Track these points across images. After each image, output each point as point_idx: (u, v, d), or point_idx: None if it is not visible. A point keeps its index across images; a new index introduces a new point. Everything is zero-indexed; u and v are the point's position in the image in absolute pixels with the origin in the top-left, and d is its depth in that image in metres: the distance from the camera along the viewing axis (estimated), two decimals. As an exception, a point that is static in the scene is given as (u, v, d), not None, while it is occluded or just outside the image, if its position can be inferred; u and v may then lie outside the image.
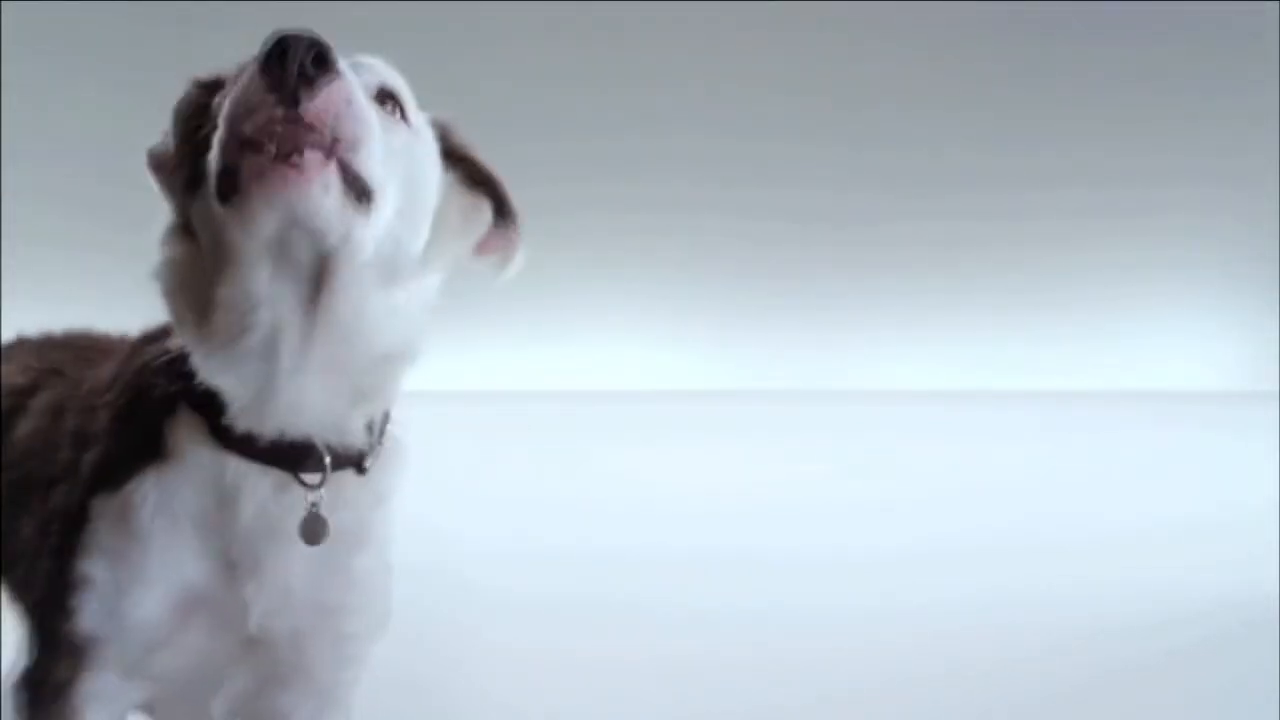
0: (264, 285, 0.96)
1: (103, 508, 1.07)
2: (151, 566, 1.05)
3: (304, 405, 1.02)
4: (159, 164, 1.14)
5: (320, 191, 0.90)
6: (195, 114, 1.08)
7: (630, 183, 5.32)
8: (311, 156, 0.89)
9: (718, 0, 5.41)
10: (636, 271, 5.57)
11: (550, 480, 3.22)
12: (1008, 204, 5.52)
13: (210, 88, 1.10)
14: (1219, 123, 5.46)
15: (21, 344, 1.52)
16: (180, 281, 1.05)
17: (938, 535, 3.07)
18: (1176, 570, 2.74)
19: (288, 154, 0.89)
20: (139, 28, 5.26)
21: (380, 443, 1.11)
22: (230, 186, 0.92)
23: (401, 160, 1.00)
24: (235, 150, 0.91)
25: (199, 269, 1.03)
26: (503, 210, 1.16)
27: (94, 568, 1.05)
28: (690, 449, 4.24)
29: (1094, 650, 2.20)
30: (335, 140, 0.91)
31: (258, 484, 1.05)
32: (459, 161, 1.14)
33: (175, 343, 1.09)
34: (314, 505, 1.06)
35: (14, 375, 1.37)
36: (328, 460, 1.06)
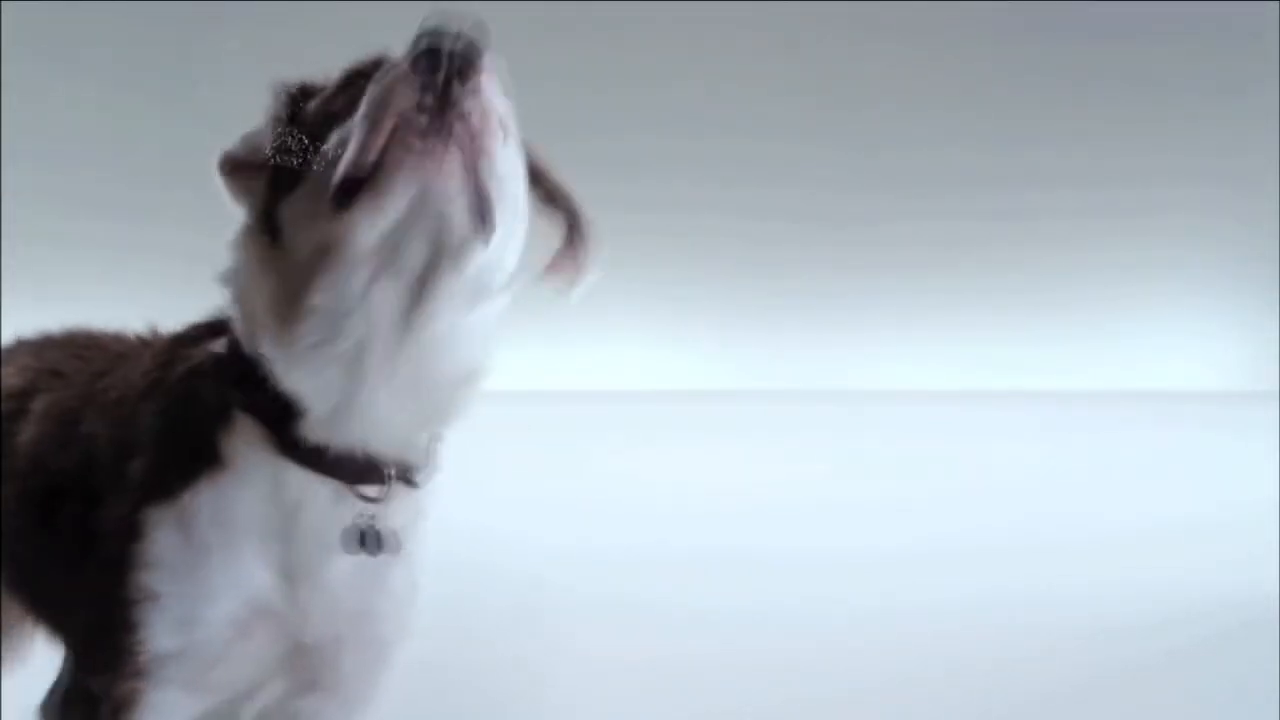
0: (363, 289, 0.94)
1: (159, 518, 1.03)
2: (215, 578, 1.02)
3: (380, 421, 1.00)
4: (236, 167, 1.10)
5: (456, 190, 0.90)
6: (289, 119, 1.05)
7: (630, 183, 5.31)
8: (454, 154, 0.88)
9: (718, 0, 5.41)
10: (637, 271, 5.56)
11: (549, 480, 3.21)
12: (1008, 204, 5.51)
13: (299, 94, 1.08)
14: (1219, 123, 5.45)
15: (21, 345, 1.50)
16: (259, 284, 1.02)
17: (938, 535, 3.07)
18: (1176, 570, 2.74)
19: (433, 140, 0.88)
20: (139, 28, 5.25)
21: (432, 460, 1.11)
22: (353, 190, 0.90)
23: (509, 182, 1.00)
24: (376, 145, 0.88)
25: (279, 272, 0.99)
26: (576, 231, 1.16)
27: (158, 582, 1.02)
28: (690, 449, 4.24)
29: (1094, 650, 2.20)
30: (475, 147, 0.90)
31: (318, 494, 1.04)
32: (537, 180, 1.14)
33: (218, 345, 1.07)
34: (371, 518, 1.06)
35: (12, 376, 1.35)
36: (391, 473, 1.05)
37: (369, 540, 1.07)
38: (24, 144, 5.19)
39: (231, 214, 1.10)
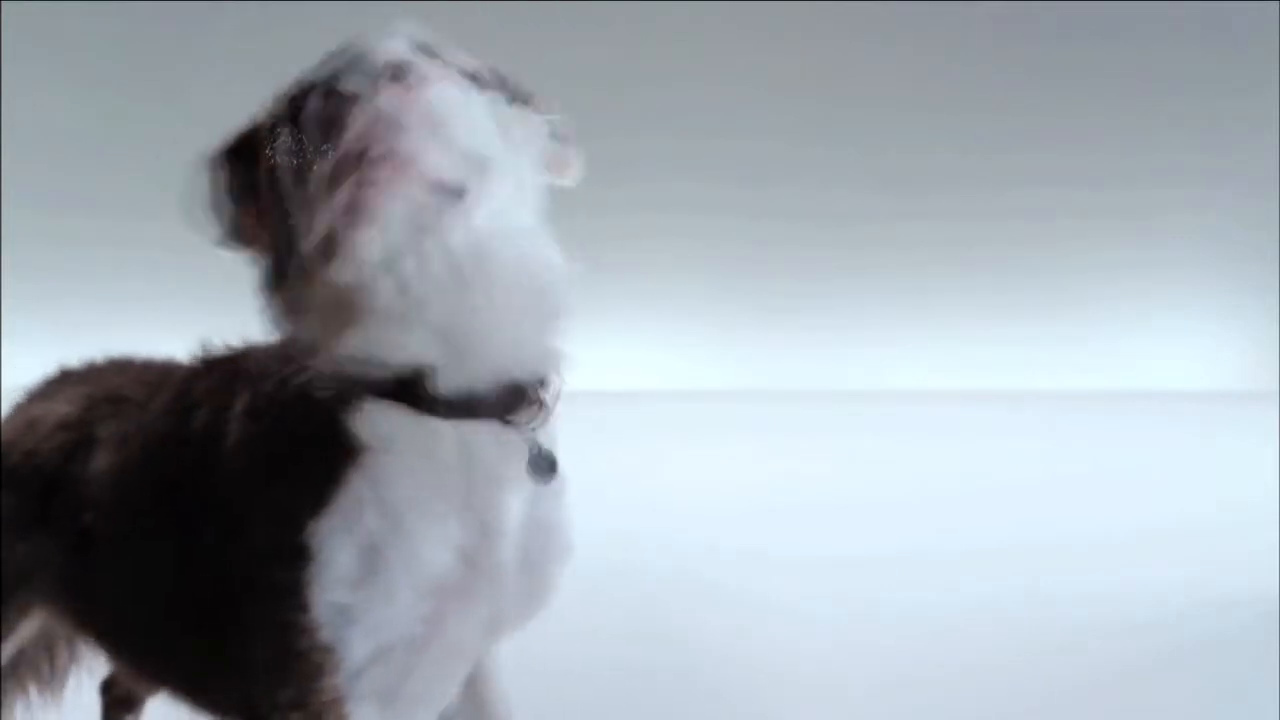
0: (395, 249, 0.92)
1: (324, 530, 0.98)
2: (396, 571, 0.98)
3: (496, 331, 0.95)
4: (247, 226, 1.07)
5: (408, 196, 0.88)
6: (247, 173, 1.02)
7: (630, 183, 5.33)
8: (380, 173, 0.87)
9: (718, 1, 5.42)
10: (638, 271, 5.58)
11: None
12: (1008, 204, 5.53)
13: (238, 147, 1.04)
14: (1219, 123, 5.47)
15: (65, 376, 1.41)
16: (309, 307, 0.98)
17: (938, 535, 3.07)
18: (1176, 570, 2.74)
19: (360, 184, 0.87)
20: (138, 28, 5.26)
21: (560, 368, 1.05)
22: (329, 245, 0.89)
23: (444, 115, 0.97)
24: (321, 217, 0.88)
25: (318, 289, 0.97)
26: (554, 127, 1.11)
27: (341, 595, 0.98)
28: (689, 449, 4.25)
29: (1094, 650, 2.20)
30: (392, 151, 0.88)
31: (479, 439, 0.99)
32: (494, 80, 1.09)
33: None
34: (536, 443, 1.01)
35: (61, 405, 1.28)
36: (543, 394, 1.00)
37: (542, 464, 1.02)
38: (24, 144, 5.20)
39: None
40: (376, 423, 0.99)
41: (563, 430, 1.14)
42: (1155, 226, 5.73)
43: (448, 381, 0.96)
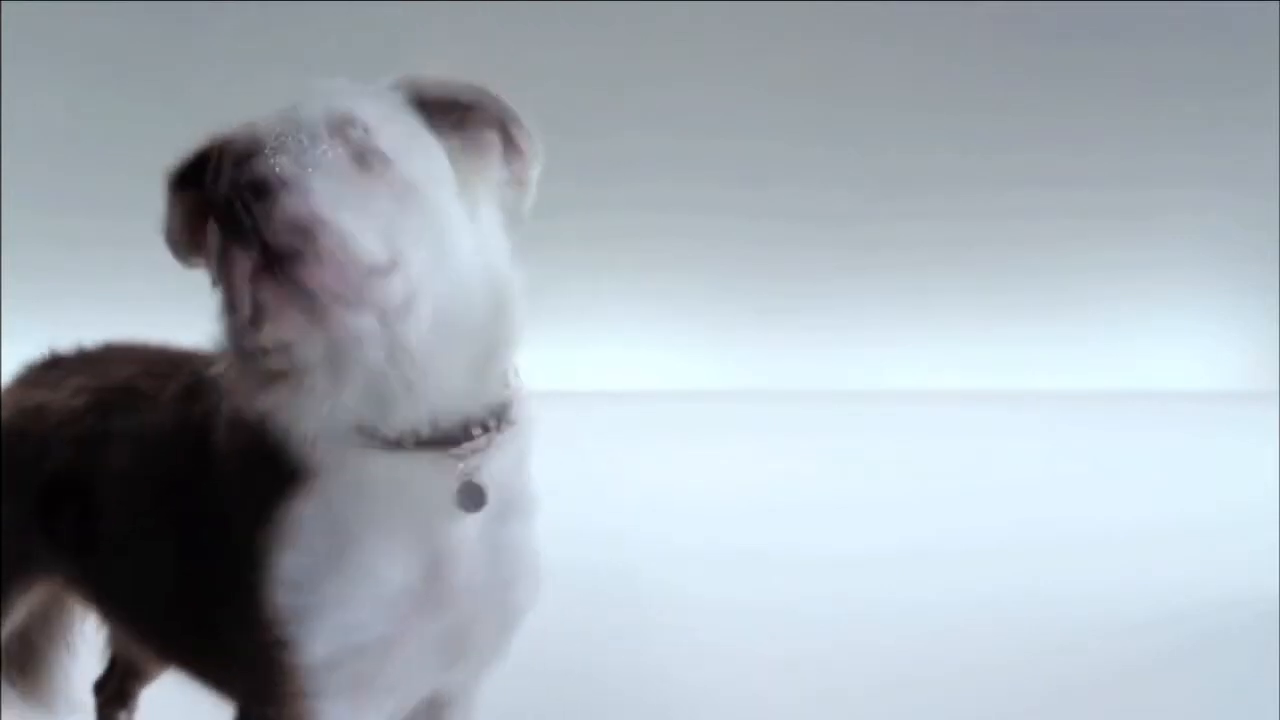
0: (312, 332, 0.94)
1: (275, 538, 1.03)
2: (353, 581, 1.03)
3: (430, 382, 0.96)
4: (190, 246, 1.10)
5: (332, 293, 0.89)
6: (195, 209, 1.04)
7: (630, 183, 5.33)
8: (297, 270, 0.88)
9: (718, 1, 5.42)
10: (637, 272, 5.58)
11: (550, 479, 3.21)
12: (1009, 204, 5.53)
13: (190, 171, 1.06)
14: (1219, 123, 5.47)
15: (57, 363, 1.41)
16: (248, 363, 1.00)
17: (938, 535, 3.07)
18: (1176, 570, 2.74)
19: (281, 276, 0.88)
20: (138, 28, 5.26)
21: (517, 393, 1.06)
22: (256, 322, 0.90)
23: (388, 174, 0.96)
24: (244, 303, 0.89)
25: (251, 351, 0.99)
26: (504, 131, 1.08)
27: (298, 597, 1.03)
28: (689, 449, 4.24)
29: (1094, 650, 2.20)
30: (319, 251, 0.88)
31: (415, 475, 1.01)
32: (443, 106, 1.07)
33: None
34: (468, 473, 1.02)
35: (68, 398, 1.29)
36: (486, 430, 1.01)
37: (471, 496, 1.04)
38: (24, 144, 5.21)
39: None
40: (321, 453, 1.03)
41: (563, 430, 1.14)
42: (1155, 226, 5.72)
43: (383, 428, 1.00)
